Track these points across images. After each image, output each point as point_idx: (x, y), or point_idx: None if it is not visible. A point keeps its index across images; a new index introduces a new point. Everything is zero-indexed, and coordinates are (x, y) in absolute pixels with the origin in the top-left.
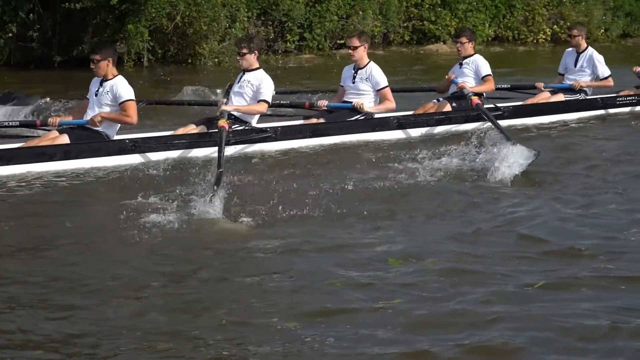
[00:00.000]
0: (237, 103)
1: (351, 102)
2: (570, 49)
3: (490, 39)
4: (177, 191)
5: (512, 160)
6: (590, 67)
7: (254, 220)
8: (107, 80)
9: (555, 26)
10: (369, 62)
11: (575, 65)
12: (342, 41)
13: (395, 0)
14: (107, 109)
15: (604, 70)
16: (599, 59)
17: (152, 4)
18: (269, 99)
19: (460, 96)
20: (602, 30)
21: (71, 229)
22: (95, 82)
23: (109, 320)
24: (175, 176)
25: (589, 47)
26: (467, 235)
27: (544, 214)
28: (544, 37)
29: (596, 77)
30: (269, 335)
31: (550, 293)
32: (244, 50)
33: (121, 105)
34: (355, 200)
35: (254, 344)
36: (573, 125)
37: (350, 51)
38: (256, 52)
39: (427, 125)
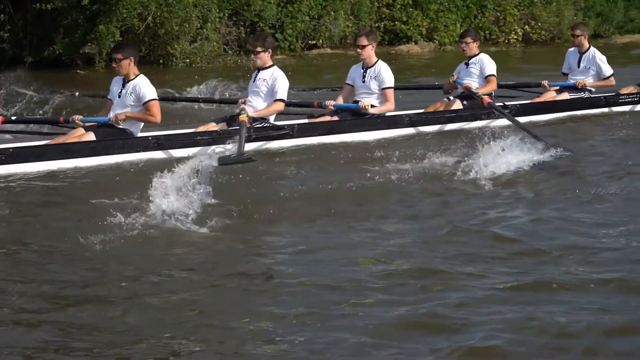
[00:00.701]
0: (254, 101)
1: (358, 103)
2: (572, 49)
3: None
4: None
5: (534, 153)
6: (593, 66)
7: (232, 220)
8: (129, 80)
9: (526, 26)
10: (378, 60)
11: (579, 66)
12: (314, 41)
13: (367, 1)
14: (130, 110)
15: (606, 69)
16: (602, 58)
17: (123, 4)
18: (285, 97)
19: (469, 95)
20: None
21: (68, 228)
22: (116, 82)
23: (77, 324)
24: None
25: (592, 47)
26: (446, 235)
27: (520, 215)
28: (515, 37)
29: (599, 76)
30: (241, 336)
31: (524, 294)
32: (259, 49)
33: (145, 105)
34: (346, 199)
35: (225, 344)
36: (574, 123)
37: (358, 50)
38: (270, 50)
39: (438, 123)
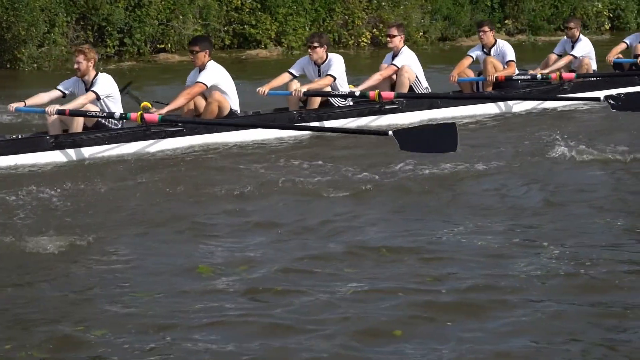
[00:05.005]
0: None
1: None
2: (565, 38)
3: None
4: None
5: None
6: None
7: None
8: (202, 70)
9: (375, 30)
10: (404, 47)
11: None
12: (163, 45)
13: (215, 4)
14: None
15: (579, 49)
16: (585, 42)
17: None
18: (334, 74)
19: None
20: (421, 34)
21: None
22: (193, 73)
23: None
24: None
25: (581, 35)
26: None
27: (368, 213)
28: (365, 40)
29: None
30: (81, 344)
31: (366, 299)
32: (315, 44)
33: None
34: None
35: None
36: None
37: (388, 39)
38: (325, 46)
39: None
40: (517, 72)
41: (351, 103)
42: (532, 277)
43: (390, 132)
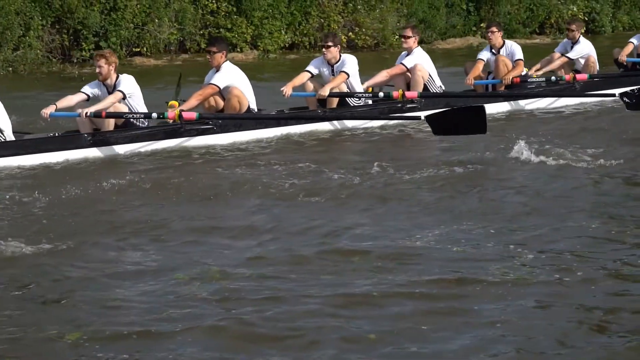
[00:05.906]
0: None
1: None
2: (565, 40)
3: (287, 45)
4: None
5: None
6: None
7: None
8: (218, 71)
9: (350, 33)
10: (417, 47)
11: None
12: (138, 49)
13: (191, 8)
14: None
15: (574, 53)
16: (584, 44)
17: None
18: (348, 71)
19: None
20: (397, 37)
21: None
22: (211, 74)
23: None
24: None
25: (581, 37)
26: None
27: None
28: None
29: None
30: (54, 349)
31: (348, 303)
32: (329, 43)
33: None
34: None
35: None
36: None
37: (402, 39)
38: (339, 45)
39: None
40: (524, 71)
41: (370, 102)
42: (508, 281)
43: (422, 117)
